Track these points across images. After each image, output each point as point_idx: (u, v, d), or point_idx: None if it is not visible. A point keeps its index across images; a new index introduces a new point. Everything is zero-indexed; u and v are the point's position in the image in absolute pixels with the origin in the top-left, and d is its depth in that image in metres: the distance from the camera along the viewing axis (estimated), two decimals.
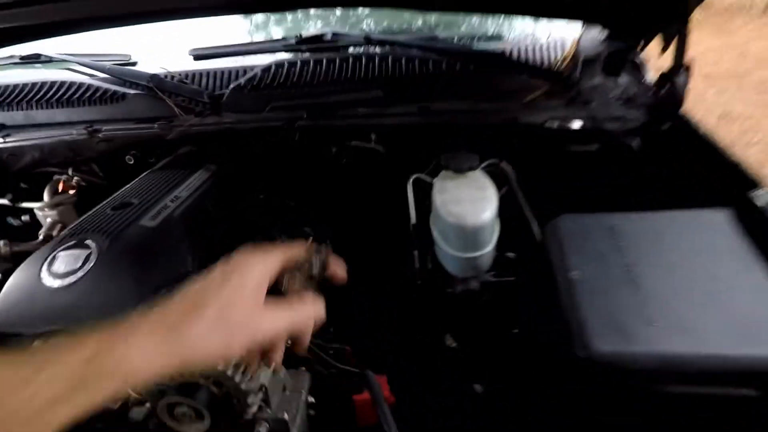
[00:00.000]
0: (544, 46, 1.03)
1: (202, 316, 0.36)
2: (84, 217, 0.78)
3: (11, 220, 1.19)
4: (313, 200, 1.06)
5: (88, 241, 0.68)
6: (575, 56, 0.94)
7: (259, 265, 0.41)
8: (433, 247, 0.81)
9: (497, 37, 1.25)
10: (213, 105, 1.00)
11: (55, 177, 1.13)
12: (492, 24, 1.34)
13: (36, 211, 1.12)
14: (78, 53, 1.18)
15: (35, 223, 1.12)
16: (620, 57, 0.90)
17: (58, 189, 1.09)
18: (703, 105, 3.31)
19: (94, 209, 0.80)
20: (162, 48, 1.24)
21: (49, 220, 1.10)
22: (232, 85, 1.00)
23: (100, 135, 0.98)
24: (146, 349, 0.34)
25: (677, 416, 0.54)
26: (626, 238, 0.65)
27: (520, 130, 0.90)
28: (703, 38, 4.38)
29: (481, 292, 0.78)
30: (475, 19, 1.39)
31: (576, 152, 0.92)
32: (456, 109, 0.94)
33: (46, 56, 1.16)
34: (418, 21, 1.41)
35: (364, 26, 1.52)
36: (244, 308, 0.38)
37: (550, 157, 0.92)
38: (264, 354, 0.43)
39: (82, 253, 0.66)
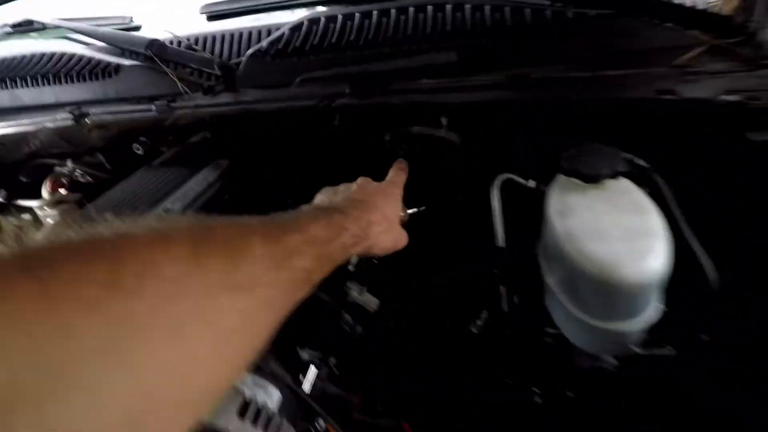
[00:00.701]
0: None
1: (385, 225, 0.52)
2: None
3: (11, 220, 1.04)
4: None
5: None
6: None
7: (399, 196, 0.57)
8: (540, 290, 0.53)
9: None
10: (226, 78, 0.74)
11: (56, 170, 0.97)
12: None
13: (36, 210, 0.99)
14: (74, 18, 0.97)
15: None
16: None
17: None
18: None
19: None
20: (170, 7, 1.00)
21: (49, 220, 0.97)
22: (250, 51, 0.74)
23: (87, 120, 0.76)
24: (355, 239, 0.46)
25: None
26: None
27: (675, 109, 0.58)
28: None
29: (618, 372, 0.49)
30: None
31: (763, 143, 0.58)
32: (568, 77, 0.63)
33: (38, 23, 0.96)
34: None
35: None
36: (398, 224, 0.56)
37: (721, 151, 0.60)
38: None
39: None
